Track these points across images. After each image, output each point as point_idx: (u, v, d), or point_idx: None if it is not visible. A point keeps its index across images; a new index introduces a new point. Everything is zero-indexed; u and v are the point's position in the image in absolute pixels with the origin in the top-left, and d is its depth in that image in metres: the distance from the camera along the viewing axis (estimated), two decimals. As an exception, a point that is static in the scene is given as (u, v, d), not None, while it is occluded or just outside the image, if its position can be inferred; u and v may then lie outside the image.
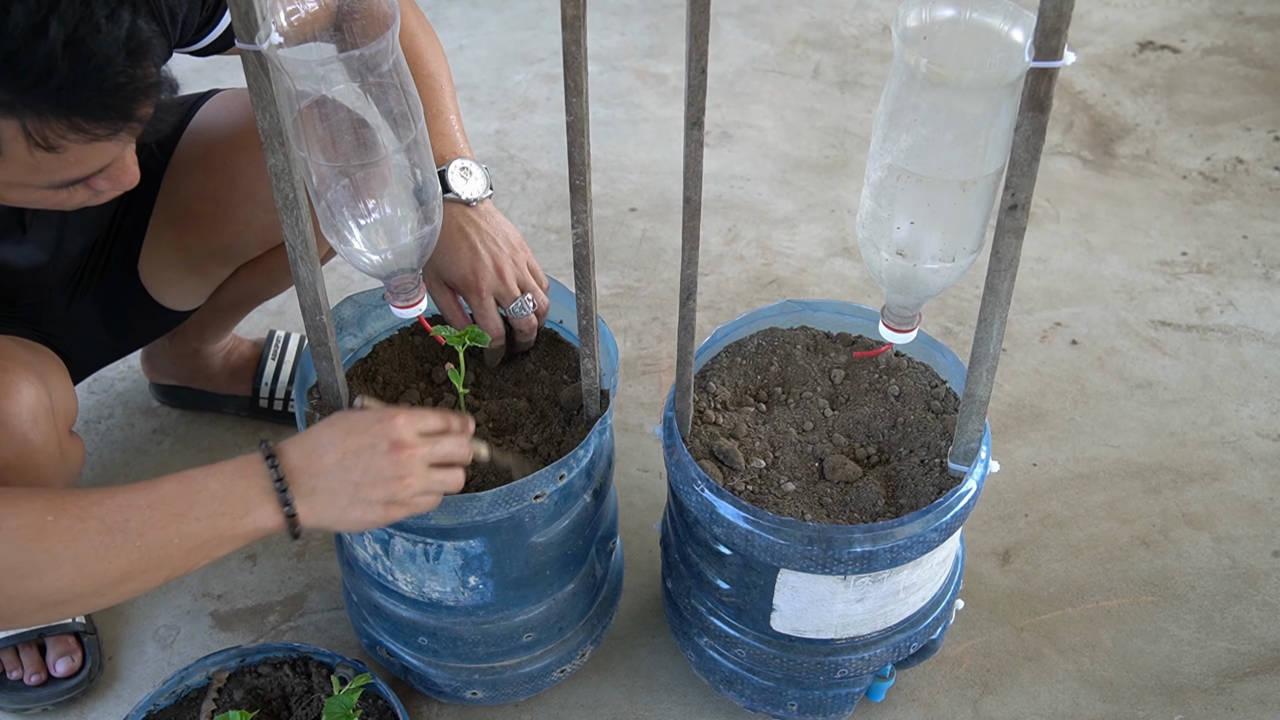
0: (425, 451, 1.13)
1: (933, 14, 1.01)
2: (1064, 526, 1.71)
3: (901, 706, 1.50)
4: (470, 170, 1.34)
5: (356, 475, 1.10)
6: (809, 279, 2.11)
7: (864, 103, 2.55)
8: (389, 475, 1.11)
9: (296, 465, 1.10)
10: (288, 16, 1.06)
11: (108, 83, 0.97)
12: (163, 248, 1.52)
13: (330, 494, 1.10)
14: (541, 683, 1.45)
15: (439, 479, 1.15)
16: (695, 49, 0.99)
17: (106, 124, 1.00)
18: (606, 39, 2.75)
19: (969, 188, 1.04)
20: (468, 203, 1.33)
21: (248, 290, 1.65)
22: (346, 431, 1.12)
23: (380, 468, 1.10)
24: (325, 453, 1.10)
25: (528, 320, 1.36)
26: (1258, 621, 1.59)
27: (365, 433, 1.11)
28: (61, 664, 1.49)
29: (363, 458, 1.10)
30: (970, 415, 1.21)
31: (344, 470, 1.10)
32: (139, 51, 0.99)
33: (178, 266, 1.53)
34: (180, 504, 1.07)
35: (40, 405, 1.27)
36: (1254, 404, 1.88)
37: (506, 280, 1.33)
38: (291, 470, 1.10)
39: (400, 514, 1.14)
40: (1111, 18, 2.81)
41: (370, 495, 1.11)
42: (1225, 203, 2.27)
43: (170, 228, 1.51)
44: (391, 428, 1.12)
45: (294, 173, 1.09)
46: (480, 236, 1.33)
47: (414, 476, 1.12)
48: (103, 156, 1.05)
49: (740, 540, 1.23)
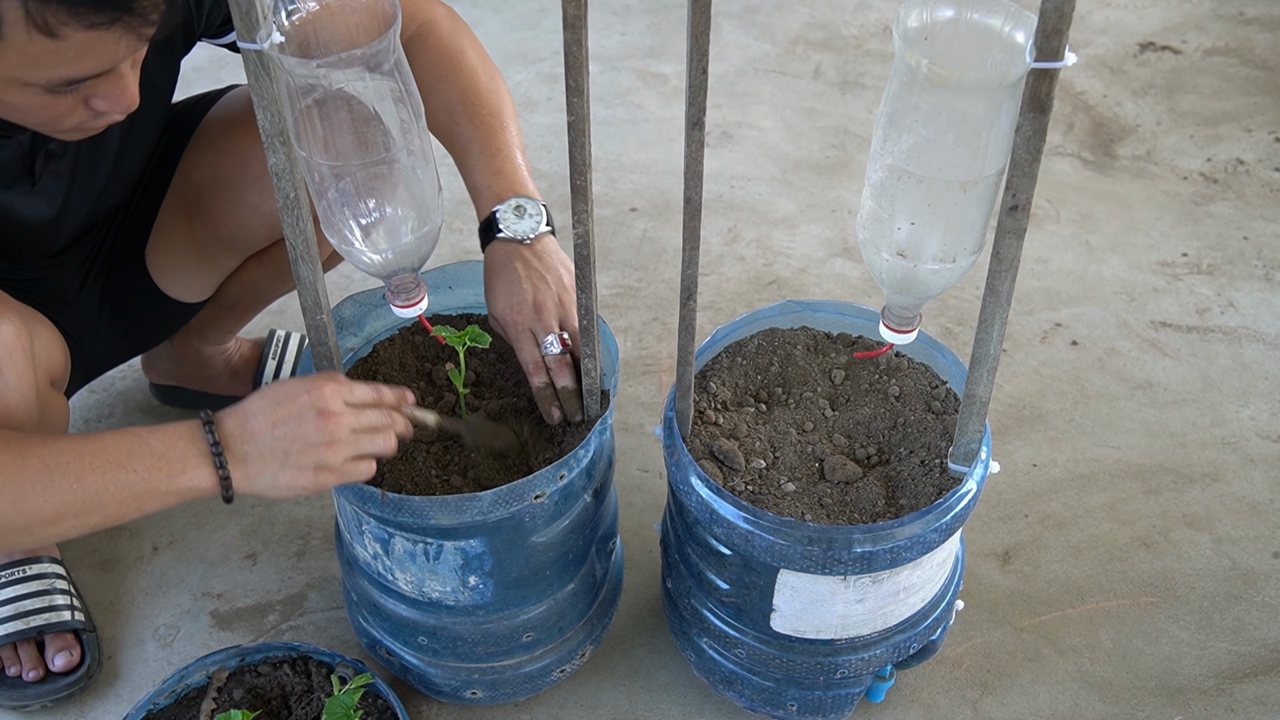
0: (351, 420, 1.16)
1: (934, 15, 1.01)
2: (1064, 527, 1.71)
3: (901, 707, 1.50)
4: (525, 208, 1.32)
5: (285, 442, 1.14)
6: (809, 279, 2.11)
7: (865, 103, 2.55)
8: (316, 441, 1.14)
9: (231, 432, 1.15)
10: (289, 17, 1.06)
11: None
12: (172, 234, 1.53)
13: (261, 459, 1.14)
14: (541, 683, 1.45)
15: (367, 443, 1.18)
16: (696, 49, 0.99)
17: (106, 11, 1.00)
18: (607, 39, 2.75)
19: (970, 188, 1.04)
20: (520, 241, 1.32)
21: (253, 285, 1.65)
22: (276, 401, 1.15)
23: (307, 434, 1.14)
24: (256, 420, 1.15)
25: (559, 360, 1.31)
26: (1258, 623, 1.59)
27: (293, 402, 1.15)
28: (60, 658, 1.49)
29: (290, 425, 1.14)
30: (970, 416, 1.21)
31: (274, 437, 1.14)
32: None
33: (185, 253, 1.54)
34: (121, 454, 1.12)
35: (18, 344, 1.28)
36: (1254, 405, 1.88)
37: (544, 316, 1.30)
38: (226, 436, 1.14)
39: (331, 480, 1.17)
40: (1112, 19, 2.81)
41: (299, 460, 1.14)
42: (1226, 204, 2.27)
43: (181, 212, 1.52)
44: (318, 397, 1.15)
45: (295, 172, 1.09)
46: (526, 270, 1.31)
47: (340, 443, 1.15)
48: (102, 55, 1.05)
49: (740, 540, 1.23)
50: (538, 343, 1.31)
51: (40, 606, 1.51)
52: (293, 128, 1.08)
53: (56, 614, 1.51)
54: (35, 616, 1.50)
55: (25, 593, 1.52)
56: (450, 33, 1.42)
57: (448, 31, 1.42)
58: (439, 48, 1.41)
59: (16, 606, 1.50)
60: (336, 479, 1.17)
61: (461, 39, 1.42)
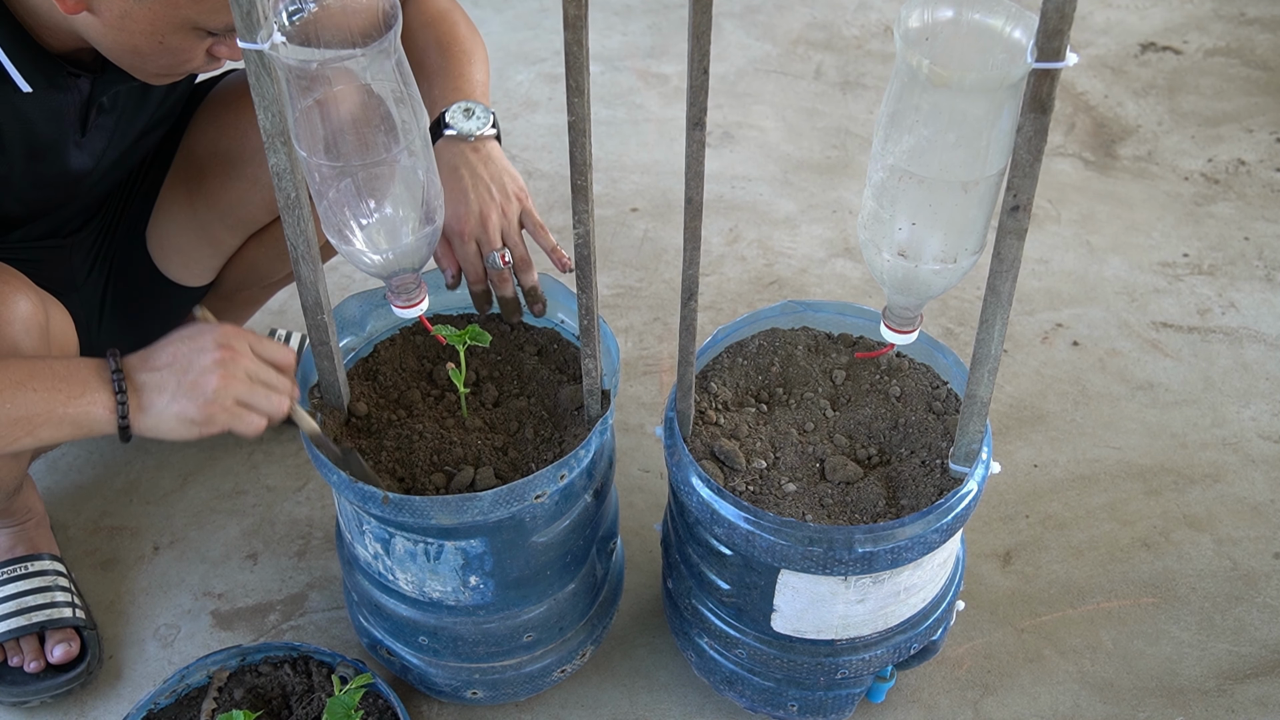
0: (248, 363, 1.18)
1: (935, 15, 1.01)
2: (1065, 528, 1.71)
3: (902, 707, 1.49)
4: (473, 110, 1.36)
5: (179, 371, 1.16)
6: (810, 279, 2.11)
7: (866, 104, 2.55)
8: (209, 370, 1.16)
9: (133, 364, 1.17)
10: (290, 17, 1.06)
11: None
12: (173, 210, 1.54)
13: (156, 389, 1.16)
14: (542, 682, 1.45)
15: (259, 395, 1.19)
16: (697, 49, 0.99)
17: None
18: (608, 39, 2.75)
19: (971, 189, 1.04)
20: (465, 138, 1.35)
21: (252, 269, 1.65)
22: (183, 337, 1.19)
23: (203, 363, 1.16)
24: (160, 354, 1.18)
25: (500, 275, 1.37)
26: (1259, 623, 1.59)
27: (198, 338, 1.18)
28: (59, 650, 1.49)
29: (189, 355, 1.17)
30: (971, 416, 1.21)
31: (170, 369, 1.16)
32: None
33: (184, 230, 1.55)
34: (22, 373, 1.15)
35: (35, 320, 1.30)
36: (1255, 405, 1.88)
37: (489, 229, 1.34)
38: (128, 367, 1.17)
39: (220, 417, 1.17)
40: (1113, 19, 2.81)
41: (191, 390, 1.16)
42: (1227, 204, 2.27)
43: (182, 189, 1.54)
44: (223, 334, 1.18)
45: (295, 172, 1.09)
46: (473, 179, 1.34)
47: (234, 379, 1.17)
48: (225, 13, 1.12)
49: (741, 541, 1.23)
50: (480, 253, 1.35)
51: (41, 603, 1.51)
52: (293, 128, 1.08)
53: (57, 610, 1.51)
54: (37, 612, 1.50)
55: (27, 589, 1.52)
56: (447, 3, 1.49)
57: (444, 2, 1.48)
58: (431, 8, 1.47)
59: (18, 603, 1.51)
60: (225, 418, 1.18)
61: (455, 13, 1.48)
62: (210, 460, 1.80)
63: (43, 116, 1.28)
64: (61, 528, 1.70)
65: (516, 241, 1.37)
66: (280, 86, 1.04)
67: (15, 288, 1.29)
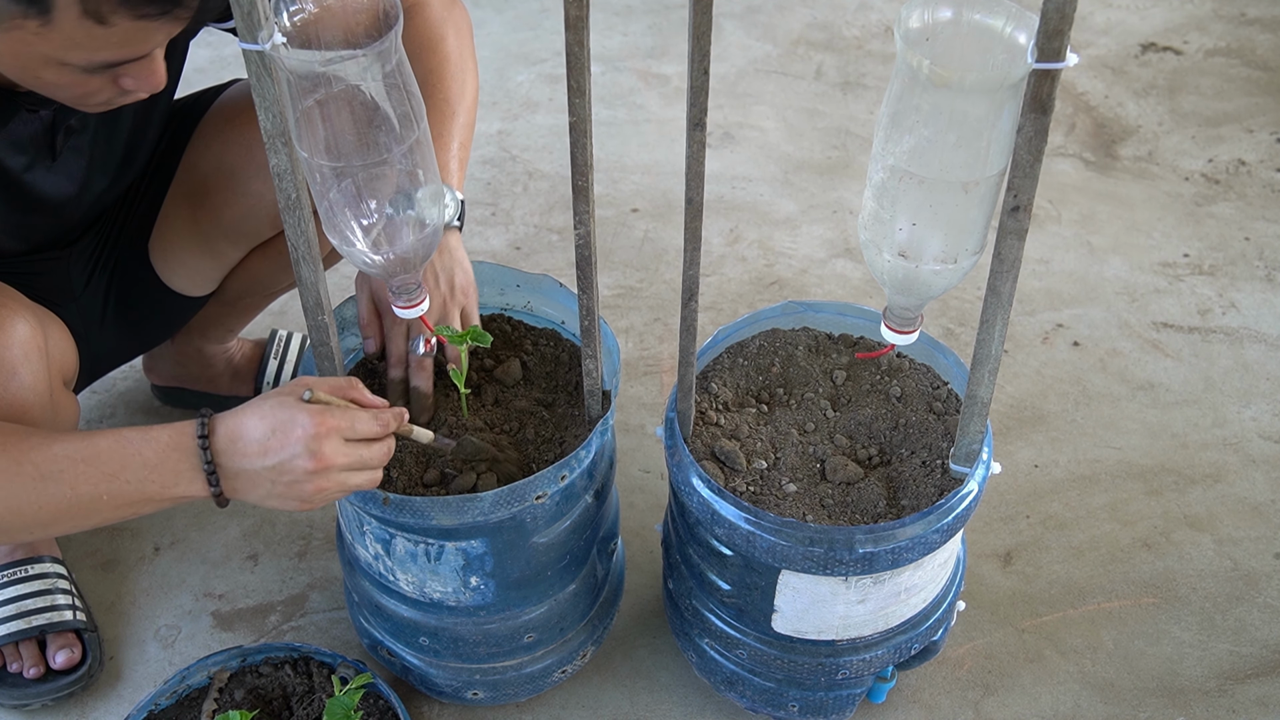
0: (344, 462, 1.14)
1: (935, 15, 1.01)
2: (1065, 528, 1.71)
3: (903, 708, 1.49)
4: None
5: (273, 474, 1.13)
6: (811, 280, 2.11)
7: (866, 104, 2.55)
8: (303, 483, 1.13)
9: (222, 448, 1.13)
10: (291, 17, 1.06)
11: None
12: (176, 224, 1.54)
13: (251, 483, 1.14)
14: (542, 683, 1.45)
15: (356, 481, 1.16)
16: (698, 50, 0.99)
17: (159, 4, 1.03)
18: (609, 39, 2.75)
19: (971, 189, 1.04)
20: None
21: (256, 278, 1.65)
22: (273, 429, 1.12)
23: (296, 475, 1.12)
24: (250, 445, 1.12)
25: (420, 363, 1.36)
26: (1259, 623, 1.59)
27: (289, 433, 1.12)
28: (61, 656, 1.49)
29: (281, 459, 1.12)
30: (972, 417, 1.21)
31: (263, 467, 1.12)
32: None
33: (188, 244, 1.55)
34: (114, 464, 1.12)
35: (33, 343, 1.29)
36: (1256, 406, 1.88)
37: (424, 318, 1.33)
38: (218, 453, 1.13)
39: (317, 505, 1.16)
40: (1114, 19, 2.81)
41: (286, 492, 1.14)
42: (1227, 204, 2.27)
43: (186, 203, 1.53)
44: (315, 436, 1.12)
45: (296, 173, 1.09)
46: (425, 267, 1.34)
47: (329, 485, 1.14)
48: (145, 41, 1.08)
49: (741, 541, 1.23)
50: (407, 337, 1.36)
51: (42, 606, 1.51)
52: (294, 128, 1.08)
53: (58, 613, 1.51)
54: (37, 616, 1.50)
55: (27, 592, 1.52)
56: (439, 19, 1.45)
57: (437, 17, 1.45)
58: (421, 28, 1.43)
59: (18, 606, 1.50)
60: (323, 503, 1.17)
61: (446, 26, 1.45)
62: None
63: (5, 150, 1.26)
64: (62, 528, 1.70)
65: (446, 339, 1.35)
66: (281, 87, 1.04)
67: (13, 310, 1.28)
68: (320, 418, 1.12)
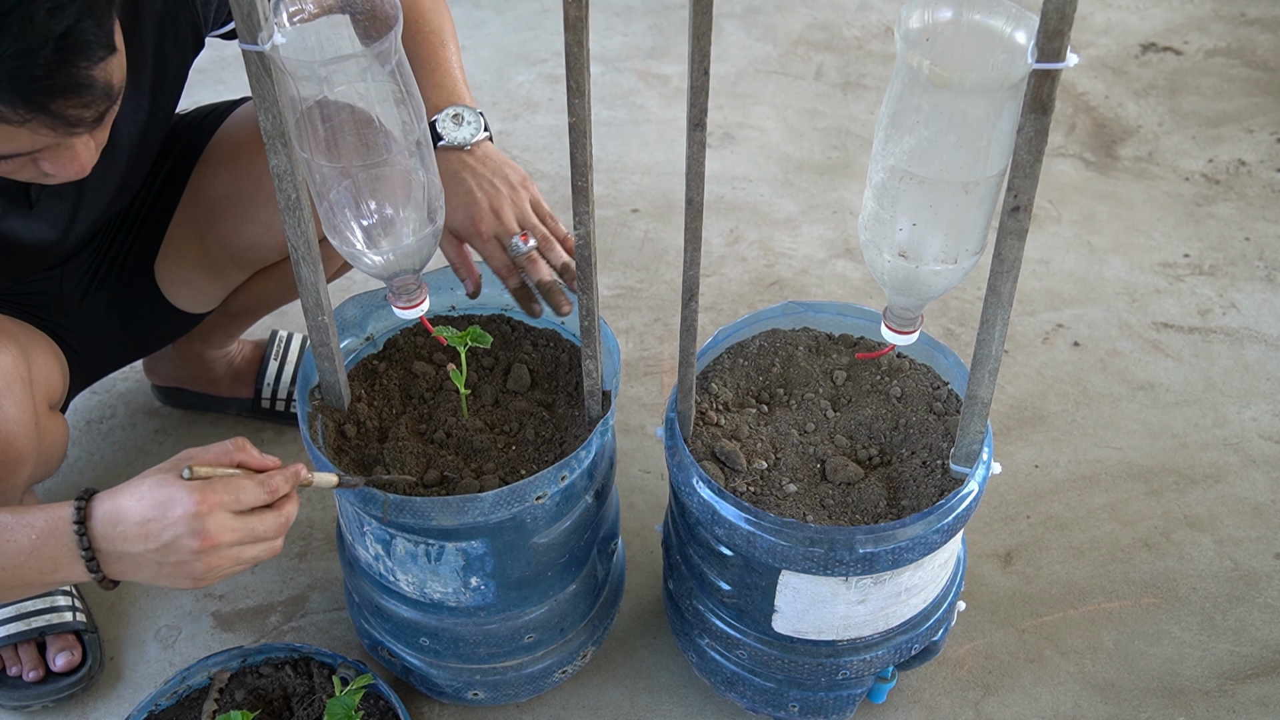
0: (232, 538, 1.09)
1: (935, 16, 1.01)
2: (1066, 528, 1.71)
3: (903, 708, 1.49)
4: (462, 116, 1.35)
5: (158, 556, 1.08)
6: (811, 280, 2.11)
7: (866, 104, 2.55)
8: (191, 563, 1.08)
9: (102, 533, 1.08)
10: (291, 17, 1.06)
11: (24, 71, 0.98)
12: (183, 248, 1.53)
13: (135, 566, 1.09)
14: (543, 683, 1.45)
15: (250, 554, 1.11)
16: (698, 50, 0.99)
17: (17, 110, 1.00)
18: (609, 40, 2.75)
19: (971, 189, 1.04)
20: (460, 147, 1.33)
21: (260, 296, 1.65)
22: (153, 506, 1.07)
23: (182, 555, 1.07)
24: (130, 529, 1.07)
25: (529, 258, 1.34)
26: (1259, 624, 1.58)
27: (169, 513, 1.06)
28: (61, 658, 1.49)
29: (164, 540, 1.07)
30: (972, 417, 1.21)
31: (145, 550, 1.07)
32: (71, 50, 0.99)
33: (195, 267, 1.54)
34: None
35: (15, 373, 1.27)
36: (1256, 406, 1.88)
37: (504, 220, 1.32)
38: (96, 538, 1.08)
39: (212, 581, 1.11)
40: (1114, 19, 2.81)
41: (175, 573, 1.09)
42: (1227, 205, 2.27)
43: (193, 227, 1.52)
44: (199, 515, 1.06)
45: (296, 174, 1.09)
46: (476, 180, 1.32)
47: (218, 560, 1.09)
48: (20, 142, 1.04)
49: (742, 541, 1.23)
50: (504, 247, 1.33)
51: (42, 607, 1.51)
52: (294, 129, 1.08)
53: (58, 615, 1.51)
54: (37, 617, 1.50)
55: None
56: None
57: None
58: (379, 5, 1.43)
59: (18, 607, 1.50)
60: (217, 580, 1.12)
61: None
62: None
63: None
64: (62, 529, 1.70)
65: (535, 224, 1.35)
66: (280, 88, 1.04)
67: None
68: (202, 494, 1.07)
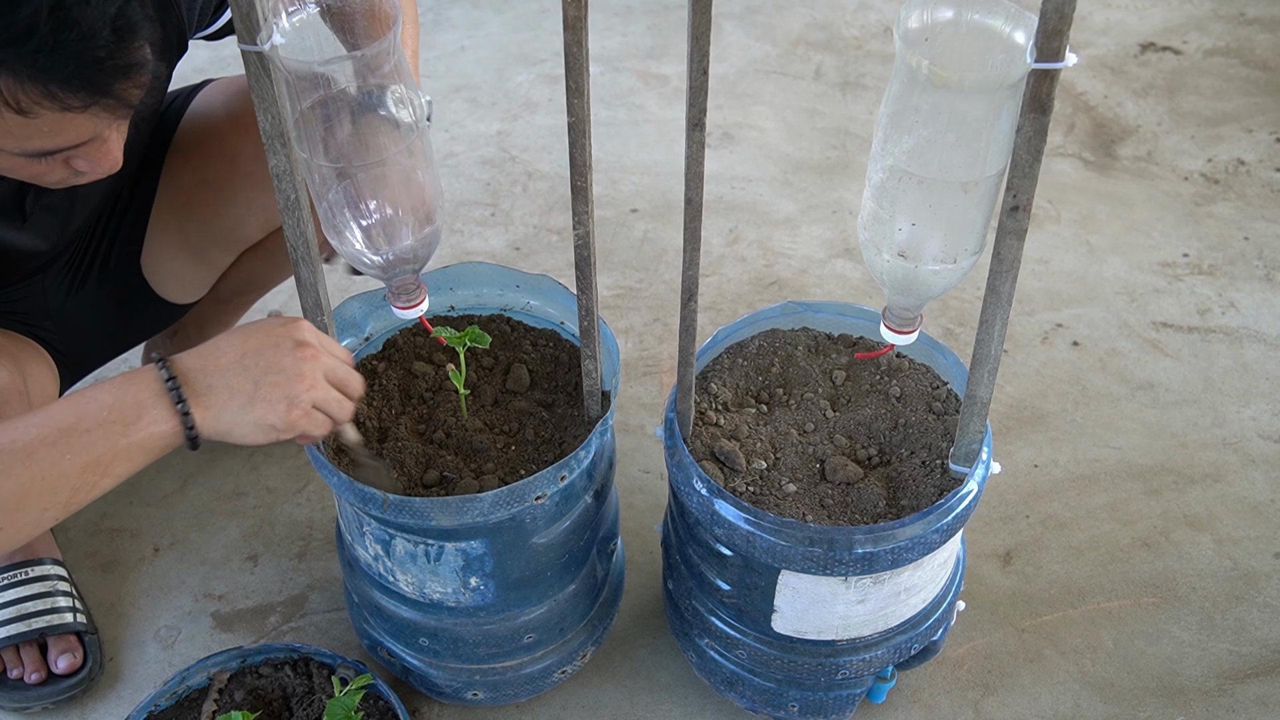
0: (328, 360, 1.09)
1: (934, 16, 1.01)
2: (1065, 528, 1.71)
3: (902, 708, 1.49)
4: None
5: (257, 371, 1.05)
6: (810, 280, 2.11)
7: (865, 104, 2.55)
8: (290, 371, 1.06)
9: (191, 366, 1.04)
10: (290, 18, 1.06)
11: (88, 55, 0.98)
12: (165, 238, 1.53)
13: (229, 391, 1.04)
14: (542, 684, 1.45)
15: (334, 398, 1.10)
16: (697, 50, 0.99)
17: (81, 96, 1.00)
18: (608, 40, 2.75)
19: (971, 189, 1.04)
20: None
21: (249, 277, 1.65)
22: (249, 333, 1.07)
23: (283, 363, 1.06)
24: (224, 353, 1.05)
25: None
26: (1259, 623, 1.59)
27: (269, 333, 1.07)
28: (63, 660, 1.49)
29: (265, 354, 1.06)
30: (971, 417, 1.21)
31: (243, 367, 1.05)
32: (125, 30, 0.99)
33: (179, 255, 1.54)
34: (68, 416, 1.01)
35: (12, 389, 1.27)
36: (1255, 405, 1.88)
37: None
38: (185, 372, 1.04)
39: (301, 425, 1.08)
40: (1113, 19, 2.81)
41: (270, 393, 1.05)
42: (1227, 204, 2.27)
43: (172, 216, 1.51)
44: (296, 329, 1.08)
45: (295, 173, 1.09)
46: None
47: (314, 380, 1.07)
48: (78, 131, 1.04)
49: (741, 541, 1.23)
50: None
51: (42, 609, 1.51)
52: (293, 129, 1.08)
53: (59, 616, 1.51)
54: (37, 619, 1.50)
55: (27, 594, 1.52)
56: None
57: None
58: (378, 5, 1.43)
59: (19, 609, 1.50)
60: (305, 424, 1.08)
61: None
62: (210, 462, 1.80)
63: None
64: (62, 529, 1.70)
65: None
66: (279, 88, 1.04)
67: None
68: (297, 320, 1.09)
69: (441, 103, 2.52)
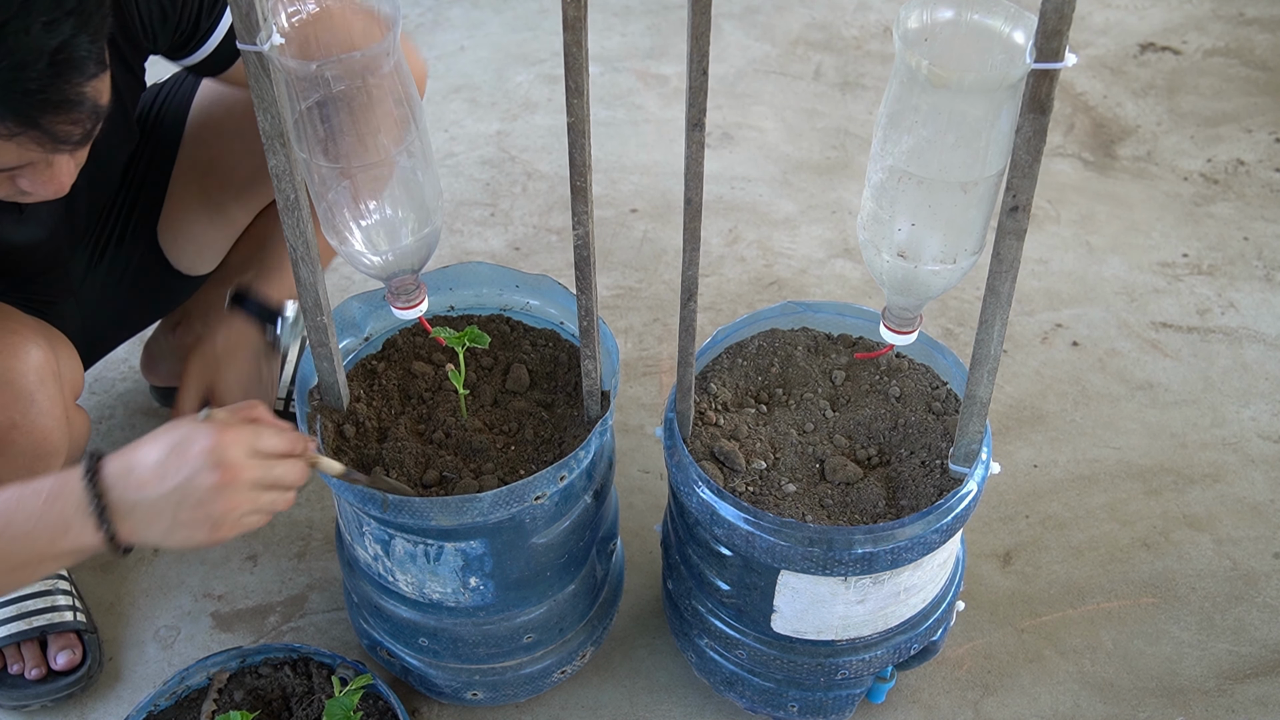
0: (253, 475, 1.04)
1: (934, 16, 1.01)
2: (1065, 528, 1.71)
3: (902, 708, 1.49)
4: None
5: (175, 498, 1.02)
6: (810, 280, 2.11)
7: (865, 104, 2.55)
8: (211, 499, 1.02)
9: (114, 484, 1.03)
10: (290, 18, 1.06)
11: (16, 84, 0.97)
12: (185, 199, 1.55)
13: (151, 514, 1.03)
14: (542, 684, 1.45)
15: (267, 500, 1.07)
16: (697, 50, 0.99)
17: (7, 124, 1.00)
18: (608, 40, 2.75)
19: (970, 189, 1.04)
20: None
21: (259, 242, 1.66)
22: (171, 447, 1.03)
23: (202, 491, 1.02)
24: (146, 470, 1.02)
25: None
26: (1259, 623, 1.59)
27: (188, 450, 1.02)
28: (62, 657, 1.49)
29: (182, 477, 1.02)
30: (971, 417, 1.21)
31: (161, 494, 1.02)
32: (65, 66, 0.99)
33: (199, 216, 1.56)
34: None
35: (48, 367, 1.28)
36: (1255, 405, 1.88)
37: None
38: (108, 489, 1.03)
39: (229, 534, 1.06)
40: (1112, 19, 2.81)
41: (190, 518, 1.03)
42: (1226, 204, 2.27)
43: (194, 174, 1.54)
44: (219, 448, 1.02)
45: (295, 174, 1.09)
46: None
47: (238, 499, 1.04)
48: (3, 156, 1.04)
49: (741, 541, 1.23)
50: None
51: (43, 607, 1.51)
52: (293, 129, 1.08)
53: (58, 614, 1.51)
54: (38, 617, 1.50)
55: (27, 593, 1.52)
56: None
57: None
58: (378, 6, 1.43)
59: (19, 606, 1.50)
60: (236, 530, 1.06)
61: None
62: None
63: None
64: (61, 529, 1.70)
65: None
66: (279, 88, 1.04)
67: (25, 336, 1.27)
68: (220, 431, 1.03)
69: (441, 103, 2.52)
